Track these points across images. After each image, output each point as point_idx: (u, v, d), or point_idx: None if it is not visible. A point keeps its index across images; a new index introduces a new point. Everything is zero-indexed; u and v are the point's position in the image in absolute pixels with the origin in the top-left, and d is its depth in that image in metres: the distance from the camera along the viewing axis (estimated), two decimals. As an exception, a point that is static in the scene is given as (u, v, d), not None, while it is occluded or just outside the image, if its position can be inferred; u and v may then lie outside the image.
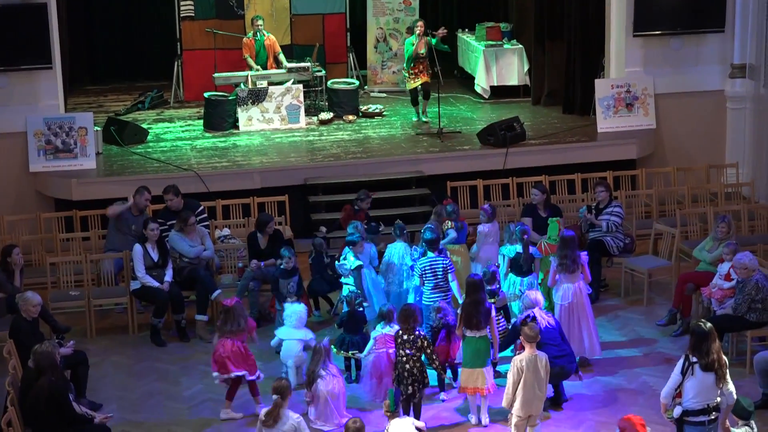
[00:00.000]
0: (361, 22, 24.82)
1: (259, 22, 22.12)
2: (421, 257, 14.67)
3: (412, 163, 19.27)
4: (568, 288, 14.13)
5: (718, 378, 10.98)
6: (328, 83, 22.39)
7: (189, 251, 15.87)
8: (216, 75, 22.06)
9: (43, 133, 18.72)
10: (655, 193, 18.67)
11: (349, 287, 15.06)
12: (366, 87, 24.34)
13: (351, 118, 21.82)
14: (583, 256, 14.37)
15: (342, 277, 15.31)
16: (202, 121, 21.57)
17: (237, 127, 21.24)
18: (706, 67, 20.30)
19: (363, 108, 22.31)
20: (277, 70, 21.95)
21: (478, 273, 14.33)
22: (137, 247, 15.52)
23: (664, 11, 19.89)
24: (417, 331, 12.87)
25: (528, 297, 13.42)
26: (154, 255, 15.56)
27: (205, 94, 21.48)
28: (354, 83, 22.66)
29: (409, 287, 15.18)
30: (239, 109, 21.21)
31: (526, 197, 18.23)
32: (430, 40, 20.92)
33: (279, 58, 22.10)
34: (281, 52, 22.22)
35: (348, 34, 24.27)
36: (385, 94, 24.06)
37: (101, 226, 17.51)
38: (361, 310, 14.21)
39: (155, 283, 15.50)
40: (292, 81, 21.76)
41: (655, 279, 16.62)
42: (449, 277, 14.49)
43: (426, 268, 14.47)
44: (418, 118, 21.50)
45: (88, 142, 18.93)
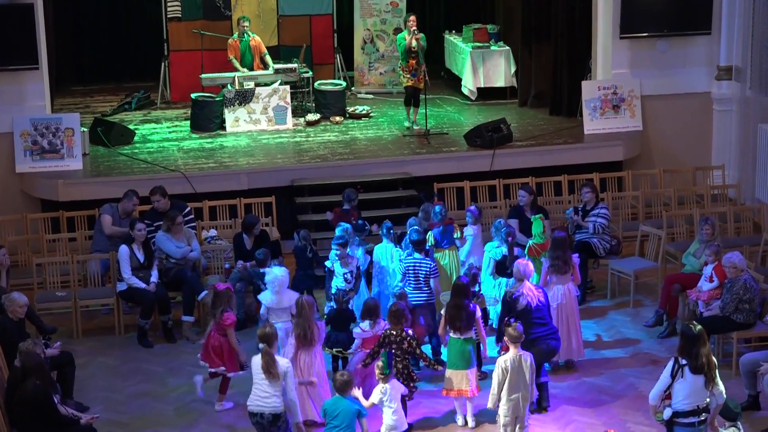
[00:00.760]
0: (348, 24, 24.82)
1: (245, 23, 22.08)
2: (407, 256, 14.66)
3: (399, 164, 19.27)
4: (558, 289, 14.15)
5: (707, 380, 11.02)
6: (315, 84, 22.39)
7: (175, 252, 15.86)
8: (203, 76, 22.04)
9: (29, 133, 18.69)
10: (642, 194, 18.69)
11: (337, 285, 15.00)
12: (353, 88, 24.34)
13: (338, 119, 21.81)
14: (574, 258, 14.39)
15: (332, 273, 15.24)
16: (188, 122, 21.55)
17: (224, 128, 21.23)
18: (692, 69, 20.35)
19: (350, 109, 22.32)
20: (264, 71, 21.94)
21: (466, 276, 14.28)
22: (123, 248, 15.49)
23: (650, 13, 19.93)
24: (405, 330, 12.89)
25: (519, 267, 13.36)
26: (140, 256, 15.55)
27: (192, 95, 21.47)
28: (341, 84, 22.66)
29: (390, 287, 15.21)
30: (226, 110, 21.19)
31: (513, 199, 18.25)
32: (420, 37, 20.78)
33: (265, 59, 22.09)
34: (267, 53, 22.21)
35: (335, 35, 24.29)
36: (372, 96, 24.07)
37: (88, 227, 17.48)
38: (348, 308, 14.20)
39: (141, 285, 15.49)
40: (279, 82, 21.75)
41: (641, 280, 16.64)
42: (431, 283, 14.49)
43: (410, 268, 14.48)
44: (409, 124, 21.28)
45: (74, 142, 18.90)
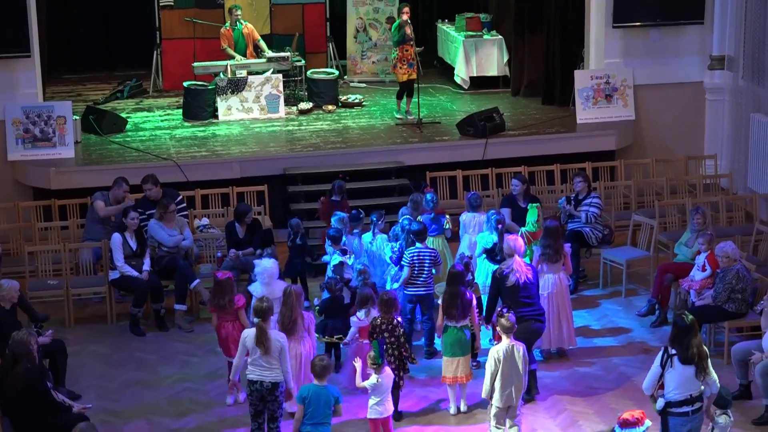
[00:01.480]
0: (340, 12, 24.78)
1: (238, 11, 22.07)
2: (408, 247, 14.64)
3: (392, 153, 19.25)
4: (549, 278, 14.15)
5: (698, 371, 10.99)
6: (308, 73, 22.36)
7: (168, 240, 15.85)
8: (195, 64, 22.01)
9: (21, 121, 18.65)
10: (634, 184, 18.70)
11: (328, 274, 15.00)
12: (345, 77, 24.31)
13: (330, 108, 21.79)
14: (566, 248, 14.40)
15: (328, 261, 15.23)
16: (181, 111, 21.51)
17: (216, 117, 21.19)
18: (685, 58, 20.35)
19: (342, 98, 22.28)
20: (257, 60, 21.90)
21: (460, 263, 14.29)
22: (116, 237, 15.48)
23: (643, 3, 19.91)
24: (396, 319, 12.90)
25: (508, 243, 13.37)
26: (133, 244, 15.53)
27: (185, 84, 21.43)
28: (333, 73, 22.63)
29: (387, 278, 15.19)
30: (218, 99, 21.16)
31: (506, 188, 18.25)
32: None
33: (260, 45, 22.05)
34: (261, 39, 22.19)
35: (328, 23, 24.24)
36: (364, 84, 24.04)
37: (80, 215, 17.45)
38: (342, 296, 14.19)
39: (134, 273, 15.48)
40: (272, 71, 21.72)
41: (633, 270, 16.67)
42: (433, 270, 14.52)
43: (414, 259, 14.49)
44: (401, 115, 21.17)
45: (66, 131, 18.86)
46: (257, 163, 18.77)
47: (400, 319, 13.08)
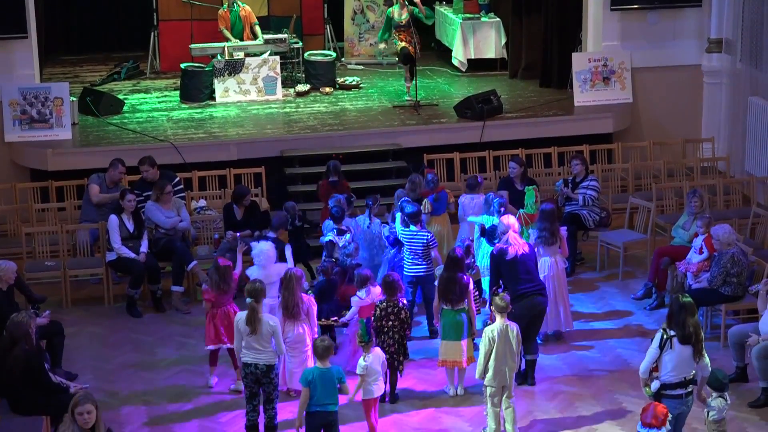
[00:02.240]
0: (338, -6, 24.77)
1: (235, -7, 22.05)
2: (404, 228, 14.65)
3: (389, 135, 19.23)
4: (545, 261, 14.15)
5: (695, 351, 11.03)
6: (305, 55, 22.32)
7: (165, 222, 15.84)
8: (192, 46, 21.96)
9: (18, 102, 18.62)
10: (632, 167, 18.70)
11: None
12: (343, 59, 24.27)
13: (328, 90, 21.76)
14: (562, 231, 14.40)
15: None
16: (178, 92, 21.48)
17: (213, 99, 21.16)
18: (682, 41, 20.32)
19: (340, 80, 22.25)
20: (254, 42, 21.86)
21: (461, 245, 14.26)
22: (113, 218, 15.47)
23: (641, -15, 19.93)
24: (400, 302, 12.92)
25: (502, 222, 13.46)
26: (130, 226, 15.53)
27: (182, 65, 21.39)
28: (331, 55, 22.59)
29: (383, 259, 15.21)
30: (216, 81, 21.13)
31: (503, 170, 18.25)
32: (412, 9, 20.71)
33: (255, 29, 22.00)
34: (257, 23, 22.13)
35: (325, 5, 24.18)
36: (362, 67, 24.00)
37: (77, 197, 17.44)
38: (336, 279, 14.18)
39: (131, 254, 15.48)
40: (269, 53, 21.68)
41: (630, 253, 16.67)
42: (431, 254, 14.52)
43: (408, 241, 14.50)
44: (410, 97, 20.74)
45: (63, 112, 18.83)
46: (254, 145, 18.76)
47: (405, 301, 13.11)
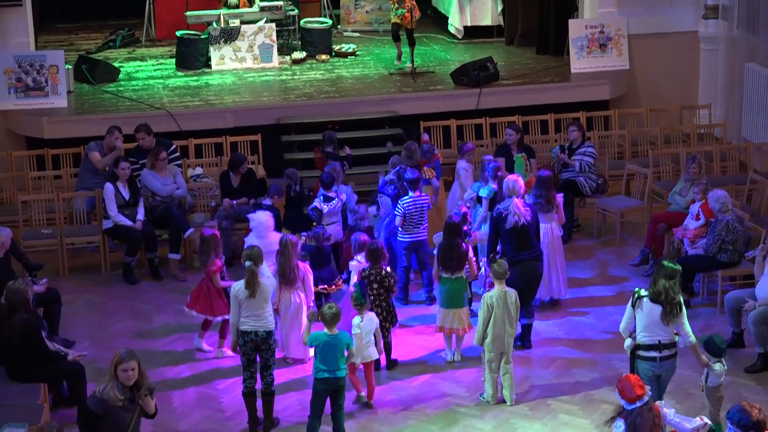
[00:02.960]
0: (334, -39, 24.68)
1: (231, -40, 21.97)
2: (403, 196, 14.63)
3: (386, 102, 19.21)
4: (541, 228, 14.10)
5: (664, 313, 10.93)
6: (301, 22, 22.26)
7: (161, 189, 15.84)
8: (188, 13, 21.89)
9: (13, 70, 18.58)
10: (628, 133, 18.69)
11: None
12: (339, 26, 24.21)
13: (324, 57, 21.71)
14: (558, 198, 14.39)
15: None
16: (174, 60, 21.43)
17: (209, 66, 21.12)
18: (679, 8, 20.27)
19: (336, 47, 22.20)
20: (250, 9, 21.80)
21: (458, 212, 14.23)
22: (108, 186, 15.46)
23: (638, -49, 19.88)
24: (384, 269, 12.93)
25: (507, 183, 13.38)
26: (125, 193, 15.52)
27: (178, 33, 21.33)
28: (327, 22, 22.53)
29: (380, 225, 15.22)
30: (212, 48, 21.08)
31: (500, 137, 18.24)
32: None
33: (249, -3, 22.01)
34: (253, -8, 22.12)
35: (321, -28, 24.16)
36: (358, 34, 23.94)
37: (73, 165, 17.43)
38: (327, 246, 14.18)
39: (128, 222, 15.47)
40: (265, 20, 21.61)
41: (627, 219, 16.69)
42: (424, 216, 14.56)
43: (410, 207, 14.48)
44: (411, 65, 20.57)
45: (59, 80, 18.79)
46: (251, 112, 18.73)
47: (389, 269, 13.10)
